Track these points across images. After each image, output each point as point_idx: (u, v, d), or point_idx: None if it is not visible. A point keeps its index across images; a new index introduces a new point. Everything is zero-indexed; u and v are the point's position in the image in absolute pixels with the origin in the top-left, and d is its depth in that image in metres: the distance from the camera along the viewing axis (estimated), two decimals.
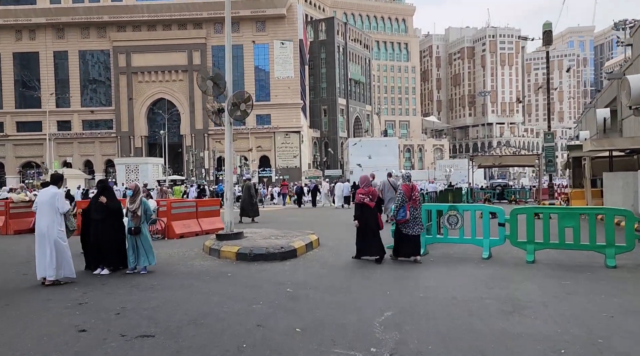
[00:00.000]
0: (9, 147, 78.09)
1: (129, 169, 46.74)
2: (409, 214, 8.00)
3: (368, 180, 8.64)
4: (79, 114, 78.15)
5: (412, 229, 8.06)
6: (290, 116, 75.70)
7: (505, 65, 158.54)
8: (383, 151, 72.20)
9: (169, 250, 9.83)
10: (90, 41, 77.49)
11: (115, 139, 77.54)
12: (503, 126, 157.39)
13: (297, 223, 15.88)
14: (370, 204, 8.13)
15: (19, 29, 76.99)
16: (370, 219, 8.13)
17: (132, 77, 76.23)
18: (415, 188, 8.29)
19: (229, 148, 9.84)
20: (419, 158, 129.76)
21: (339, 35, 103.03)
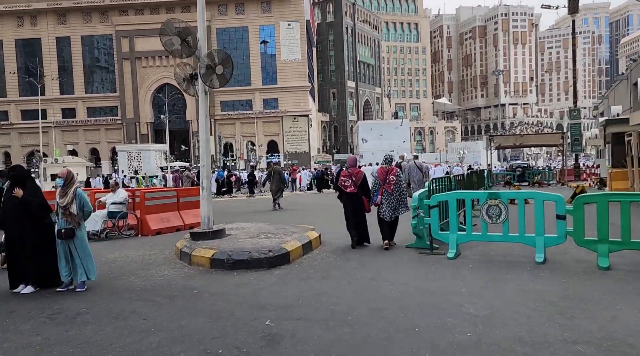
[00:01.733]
0: (14, 136, 77.05)
1: (131, 156, 45.18)
2: (381, 198, 7.74)
3: (355, 160, 8.37)
4: (83, 101, 76.67)
5: (385, 213, 7.76)
6: (298, 100, 73.51)
7: (518, 44, 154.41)
8: (394, 133, 70.05)
9: (134, 252, 8.06)
10: (92, 26, 75.59)
11: (121, 126, 76.05)
12: (516, 106, 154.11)
13: (304, 212, 14.07)
14: (349, 189, 7.86)
15: (20, 15, 75.23)
16: (354, 203, 7.88)
17: (136, 62, 74.37)
18: (392, 171, 7.86)
19: (204, 125, 7.83)
20: (430, 141, 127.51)
21: (347, 16, 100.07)
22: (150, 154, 44.90)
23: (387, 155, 8.14)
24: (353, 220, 7.90)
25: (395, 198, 7.75)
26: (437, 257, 6.85)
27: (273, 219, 11.75)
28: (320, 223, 11.10)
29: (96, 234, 9.21)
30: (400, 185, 7.88)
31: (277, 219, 11.84)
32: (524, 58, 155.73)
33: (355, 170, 8.03)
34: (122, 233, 9.80)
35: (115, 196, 9.52)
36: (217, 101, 74.28)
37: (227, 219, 12.24)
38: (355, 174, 7.94)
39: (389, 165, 7.90)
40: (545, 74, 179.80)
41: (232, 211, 15.46)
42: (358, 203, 7.87)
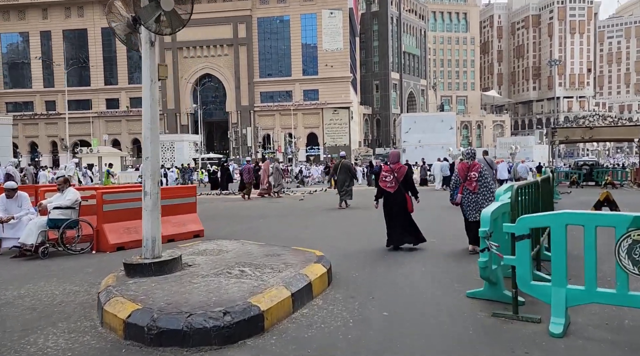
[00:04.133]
0: (61, 126, 78.64)
1: (164, 147, 43.99)
2: (461, 197, 7.21)
3: (398, 155, 7.85)
4: (126, 92, 77.20)
5: (468, 214, 7.19)
6: (339, 91, 70.96)
7: (575, 33, 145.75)
8: (439, 127, 66.27)
9: (55, 285, 5.61)
10: None
11: (162, 117, 76.02)
12: (571, 100, 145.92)
13: (333, 219, 11.60)
14: (390, 187, 7.50)
15: (67, 6, 76.35)
16: (396, 200, 7.46)
17: (178, 52, 73.95)
18: (475, 167, 7.20)
19: (148, 92, 4.99)
20: (477, 135, 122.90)
21: (392, 5, 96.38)
22: (184, 145, 43.57)
23: (470, 149, 7.55)
24: (393, 220, 7.44)
25: (479, 197, 7.08)
26: (527, 328, 4.02)
27: (281, 231, 9.36)
28: (352, 235, 8.49)
29: (29, 250, 7.08)
30: (486, 182, 7.14)
31: (289, 231, 9.45)
32: (581, 48, 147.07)
33: (398, 165, 7.60)
34: (69, 248, 7.37)
35: (61, 197, 7.23)
36: (256, 91, 72.90)
37: (220, 227, 9.88)
38: (398, 169, 7.52)
39: (472, 160, 7.29)
40: (605, 65, 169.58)
41: (240, 214, 13.11)
42: (400, 200, 7.41)
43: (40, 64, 75.20)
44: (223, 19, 72.21)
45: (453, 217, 12.03)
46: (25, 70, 78.72)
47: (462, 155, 7.65)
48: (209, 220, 11.04)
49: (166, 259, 4.94)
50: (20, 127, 78.82)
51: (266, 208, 14.60)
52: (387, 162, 7.74)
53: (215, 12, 72.16)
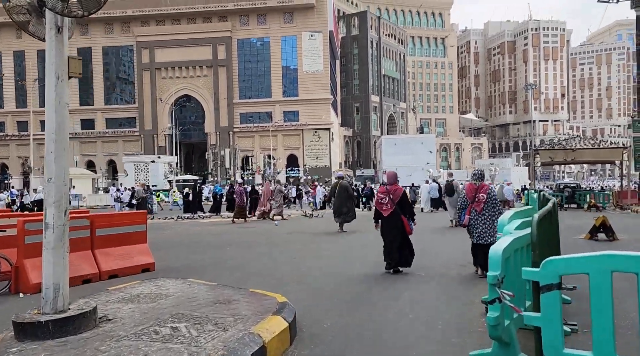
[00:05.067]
0: (34, 147, 76.16)
1: (139, 168, 42.47)
2: (468, 219, 7.00)
3: (394, 177, 7.72)
4: (103, 113, 75.60)
5: (476, 236, 6.94)
6: (319, 112, 70.66)
7: (549, 59, 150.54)
8: (419, 149, 66.28)
9: None
10: (113, 37, 74.76)
11: (139, 138, 74.44)
12: (547, 123, 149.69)
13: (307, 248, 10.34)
14: (385, 210, 7.35)
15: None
16: (392, 223, 7.31)
17: (156, 73, 72.97)
18: (483, 189, 7.03)
19: (52, 96, 3.84)
20: (456, 158, 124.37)
21: (372, 30, 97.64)
22: (159, 166, 42.12)
23: (478, 170, 7.51)
24: (390, 242, 7.35)
25: (486, 218, 6.95)
26: None
27: (248, 262, 8.19)
28: (332, 264, 7.44)
29: None
30: (494, 204, 7.04)
31: (257, 263, 8.26)
32: (555, 74, 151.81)
33: (394, 187, 7.50)
34: None
35: None
36: (236, 112, 72.09)
37: (178, 257, 8.73)
38: (394, 191, 7.44)
39: (480, 181, 7.21)
40: (577, 90, 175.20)
41: (206, 241, 11.83)
42: (396, 223, 7.33)
43: (13, 84, 73.33)
44: (203, 39, 71.71)
45: (444, 240, 11.12)
46: None
47: (471, 176, 7.36)
48: (169, 249, 9.88)
49: (72, 314, 3.71)
50: None
51: (237, 234, 13.38)
52: (384, 184, 7.68)
53: (195, 34, 71.69)
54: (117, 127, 76.00)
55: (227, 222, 17.35)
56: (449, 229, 14.39)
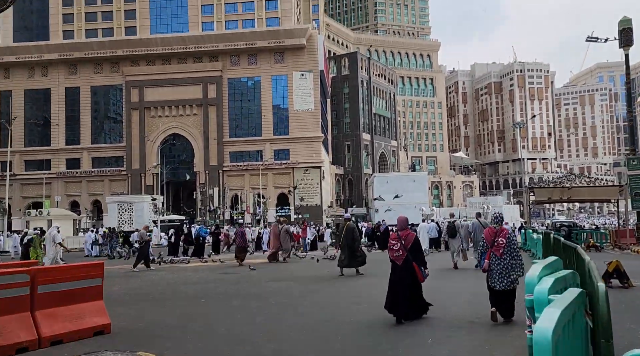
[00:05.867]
0: (16, 187, 74.43)
1: (122, 208, 41.06)
2: (488, 263, 6.80)
3: (405, 222, 7.42)
4: (89, 152, 74.52)
5: (495, 281, 6.66)
6: (310, 151, 70.26)
7: (535, 99, 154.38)
8: (411, 186, 65.71)
9: None
10: (103, 76, 74.72)
11: (126, 177, 73.18)
12: (535, 161, 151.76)
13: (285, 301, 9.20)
14: (397, 257, 7.05)
15: (31, 66, 74.92)
16: (403, 270, 6.98)
17: (145, 112, 72.58)
18: (502, 233, 6.80)
19: None
20: (447, 195, 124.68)
21: (362, 70, 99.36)
22: (144, 206, 40.79)
23: (497, 213, 7.26)
24: (399, 290, 6.99)
25: (507, 264, 6.76)
26: None
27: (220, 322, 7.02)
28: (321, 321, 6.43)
29: None
30: (514, 249, 6.84)
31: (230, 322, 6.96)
32: (540, 113, 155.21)
33: (406, 232, 7.29)
34: None
35: None
36: (226, 151, 71.47)
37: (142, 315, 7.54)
38: (405, 237, 7.20)
39: (499, 225, 6.99)
40: (563, 129, 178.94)
41: (180, 291, 10.47)
42: (407, 270, 7.03)
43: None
44: (193, 79, 71.83)
45: (452, 283, 10.09)
46: None
47: (491, 219, 7.14)
48: (135, 303, 8.61)
49: None
50: None
51: (215, 281, 11.95)
52: (397, 229, 7.42)
53: (186, 73, 71.89)
54: (103, 166, 74.77)
55: (207, 267, 16.08)
56: (452, 270, 13.69)
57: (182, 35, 72.10)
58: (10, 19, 76.34)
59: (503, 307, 6.66)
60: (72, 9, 77.59)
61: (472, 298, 8.45)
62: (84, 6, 77.27)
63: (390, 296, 6.97)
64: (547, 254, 10.87)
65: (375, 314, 7.01)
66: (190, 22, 74.62)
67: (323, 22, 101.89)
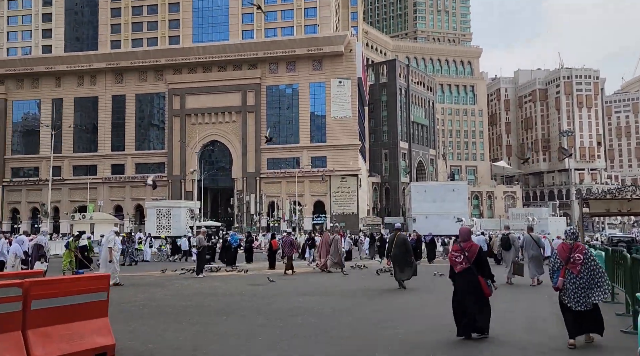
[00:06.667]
0: (65, 192, 77.29)
1: (161, 213, 41.58)
2: (563, 282, 6.47)
3: (468, 233, 7.21)
4: (133, 158, 76.50)
5: (571, 300, 6.36)
6: (347, 158, 69.57)
7: (583, 107, 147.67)
8: (450, 196, 63.85)
9: None
10: (147, 84, 76.85)
11: (166, 183, 74.64)
12: (583, 172, 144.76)
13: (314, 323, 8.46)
14: (459, 266, 6.80)
15: (81, 74, 77.87)
16: (467, 284, 6.75)
17: (186, 119, 73.97)
18: (578, 249, 6.45)
19: None
20: (488, 206, 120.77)
21: (400, 77, 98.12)
22: (181, 212, 41.15)
23: (572, 229, 6.96)
24: (464, 303, 6.74)
25: (584, 282, 6.38)
26: None
27: (242, 344, 6.28)
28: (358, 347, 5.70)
29: None
30: (593, 266, 6.43)
31: (252, 345, 6.26)
32: (589, 122, 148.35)
33: (469, 244, 7.02)
34: None
35: None
36: (263, 158, 71.75)
37: (154, 333, 6.93)
38: (469, 248, 6.93)
39: (574, 241, 6.66)
40: (614, 138, 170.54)
41: (203, 305, 9.78)
42: (472, 282, 6.74)
43: (49, 131, 75.39)
44: (232, 86, 72.72)
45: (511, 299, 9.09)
46: (33, 136, 78.96)
47: (565, 235, 6.82)
48: (148, 318, 8.11)
49: None
50: (24, 193, 77.68)
51: (242, 295, 11.30)
52: (459, 240, 7.21)
53: (225, 81, 72.88)
54: (146, 172, 76.49)
55: (238, 277, 15.54)
56: (507, 286, 12.89)
57: (222, 43, 73.25)
58: (62, 30, 79.84)
59: (577, 327, 6.36)
60: (120, 19, 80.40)
61: (536, 320, 8.03)
62: (130, 17, 79.93)
63: (455, 313, 6.76)
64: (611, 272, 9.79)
65: (413, 341, 6.18)
66: (231, 30, 75.72)
67: (362, 30, 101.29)
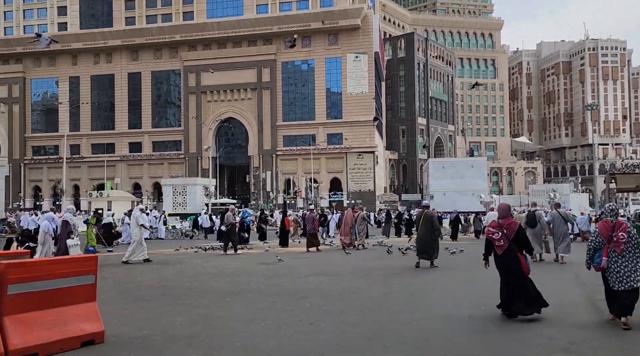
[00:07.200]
0: (84, 170, 78.31)
1: (176, 191, 41.60)
2: (606, 261, 6.20)
3: (508, 210, 7.09)
4: (150, 135, 76.86)
5: (614, 281, 6.14)
6: (363, 135, 68.70)
7: (608, 80, 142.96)
8: (469, 172, 62.49)
9: None
10: (162, 62, 76.52)
11: (183, 160, 75.03)
12: (607, 147, 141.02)
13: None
14: (499, 247, 6.61)
15: (97, 52, 77.83)
16: (507, 262, 6.59)
17: (201, 96, 73.67)
18: (622, 227, 6.17)
19: None
20: (507, 182, 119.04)
21: (419, 51, 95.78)
22: (197, 189, 41.15)
23: (612, 205, 6.58)
24: (505, 283, 6.62)
25: (627, 261, 6.14)
26: None
27: (246, 328, 5.82)
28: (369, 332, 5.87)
29: None
30: (636, 243, 6.20)
31: (258, 330, 5.73)
32: (615, 95, 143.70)
33: (508, 221, 6.77)
34: None
35: None
36: (279, 135, 71.31)
37: (154, 315, 6.51)
38: (507, 225, 6.70)
39: (616, 218, 6.36)
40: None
41: (208, 286, 9.35)
42: (511, 261, 6.57)
43: (67, 109, 75.87)
44: (247, 63, 71.91)
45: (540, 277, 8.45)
46: (53, 114, 79.72)
47: (605, 213, 6.59)
48: (148, 300, 7.69)
49: None
50: (45, 171, 78.91)
51: (251, 275, 10.76)
52: (498, 217, 7.02)
53: (240, 57, 72.06)
54: (163, 150, 76.96)
55: (249, 255, 15.23)
56: (534, 264, 12.04)
57: (237, 18, 72.20)
58: (77, 7, 79.54)
59: (622, 308, 6.13)
60: None
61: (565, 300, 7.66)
62: None
63: (503, 291, 6.61)
64: None
65: (431, 328, 5.69)
66: (245, 5, 74.46)
67: (379, 2, 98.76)
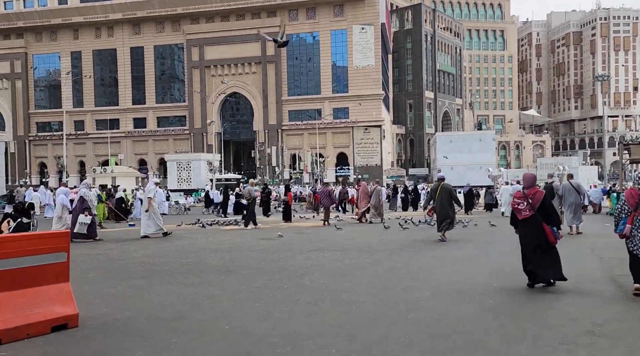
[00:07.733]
0: (89, 146, 78.16)
1: (181, 166, 41.27)
2: (630, 228, 6.08)
3: (533, 179, 6.92)
4: (154, 111, 76.27)
5: (638, 249, 6.08)
6: (370, 109, 67.71)
7: (620, 50, 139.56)
8: (476, 146, 61.86)
9: None
10: (165, 35, 75.29)
11: (188, 136, 74.57)
12: (617, 119, 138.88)
13: None
14: (523, 214, 6.58)
15: (98, 26, 76.61)
16: (531, 232, 6.54)
17: (205, 71, 72.63)
18: None
19: None
20: (515, 156, 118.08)
21: (426, 23, 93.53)
22: (201, 165, 40.80)
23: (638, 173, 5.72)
24: (530, 253, 6.53)
25: None
26: None
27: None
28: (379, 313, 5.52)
29: None
30: None
31: (249, 310, 5.24)
32: (626, 66, 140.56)
33: (533, 190, 6.69)
34: None
35: None
36: (284, 110, 70.47)
37: (141, 294, 6.03)
38: (532, 195, 6.62)
39: None
40: None
41: (205, 262, 8.83)
42: (536, 231, 6.49)
43: (70, 84, 75.13)
44: (251, 36, 70.44)
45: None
46: (56, 91, 79.12)
47: (634, 182, 5.91)
48: (141, 277, 7.30)
49: None
50: (50, 147, 78.85)
51: (249, 251, 10.29)
52: (523, 187, 7.00)
53: (244, 30, 70.61)
54: (168, 125, 76.47)
55: (251, 231, 14.83)
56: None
57: None
58: None
59: None
60: None
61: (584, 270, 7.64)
62: None
63: (523, 260, 6.63)
64: None
65: (441, 309, 5.23)
66: None
67: None
